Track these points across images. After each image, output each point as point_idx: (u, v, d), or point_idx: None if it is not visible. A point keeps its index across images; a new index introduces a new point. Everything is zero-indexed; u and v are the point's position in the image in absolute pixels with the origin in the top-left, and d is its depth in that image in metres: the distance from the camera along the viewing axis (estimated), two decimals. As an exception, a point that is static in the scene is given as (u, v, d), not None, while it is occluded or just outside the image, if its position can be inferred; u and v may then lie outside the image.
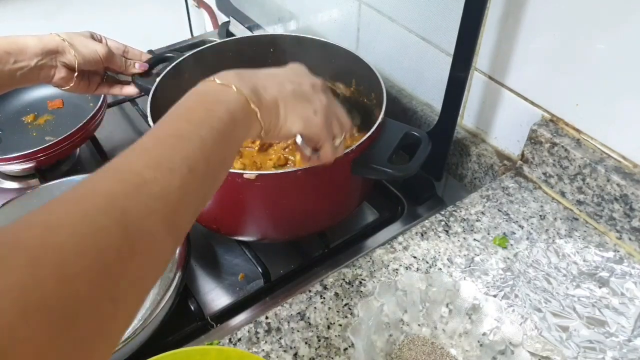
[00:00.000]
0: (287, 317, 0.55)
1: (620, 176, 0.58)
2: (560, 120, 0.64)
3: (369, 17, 0.86)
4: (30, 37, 0.68)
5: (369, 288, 0.57)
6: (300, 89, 0.50)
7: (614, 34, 0.54)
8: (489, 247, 0.61)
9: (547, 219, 0.64)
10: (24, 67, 0.67)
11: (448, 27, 0.72)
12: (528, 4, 0.61)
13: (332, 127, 0.53)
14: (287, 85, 0.49)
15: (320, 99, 0.51)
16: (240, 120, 0.43)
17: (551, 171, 0.66)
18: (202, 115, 0.40)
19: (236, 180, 0.58)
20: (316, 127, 0.50)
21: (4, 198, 0.75)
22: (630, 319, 0.53)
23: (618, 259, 0.58)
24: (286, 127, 0.49)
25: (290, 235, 0.72)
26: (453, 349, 0.52)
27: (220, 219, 0.68)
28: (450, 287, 0.52)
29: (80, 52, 0.72)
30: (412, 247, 0.62)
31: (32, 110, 0.95)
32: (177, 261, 0.63)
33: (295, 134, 0.50)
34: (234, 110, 0.42)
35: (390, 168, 0.61)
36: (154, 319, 0.57)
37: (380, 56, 0.86)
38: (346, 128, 0.55)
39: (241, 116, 0.43)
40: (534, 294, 0.55)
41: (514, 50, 0.65)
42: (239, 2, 1.21)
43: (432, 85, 0.80)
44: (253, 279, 0.70)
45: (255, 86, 0.46)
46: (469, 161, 0.77)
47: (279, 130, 0.49)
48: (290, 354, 0.51)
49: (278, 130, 0.49)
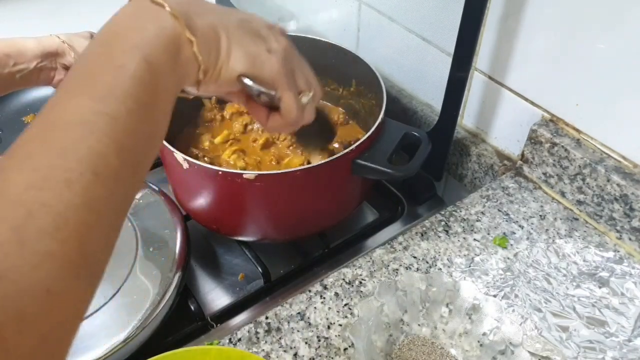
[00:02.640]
0: (287, 317, 0.55)
1: (620, 176, 0.58)
2: (560, 120, 0.64)
3: (369, 17, 0.86)
4: (30, 39, 0.68)
5: (369, 288, 0.57)
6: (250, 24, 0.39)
7: (614, 33, 0.54)
8: (489, 247, 0.61)
9: (547, 219, 0.64)
10: (24, 69, 0.67)
11: (448, 27, 0.72)
12: (528, 4, 0.61)
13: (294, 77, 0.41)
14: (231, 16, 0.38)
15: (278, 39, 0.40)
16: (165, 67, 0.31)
17: (551, 171, 0.65)
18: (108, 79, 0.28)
19: (236, 180, 0.58)
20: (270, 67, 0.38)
21: (4, 198, 0.75)
22: (630, 319, 0.53)
23: (618, 259, 0.58)
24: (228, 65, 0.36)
25: (290, 235, 0.72)
26: (453, 349, 0.52)
27: (220, 219, 0.68)
28: (450, 287, 0.52)
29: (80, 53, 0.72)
30: (412, 247, 0.62)
31: (32, 110, 0.95)
32: (177, 261, 0.63)
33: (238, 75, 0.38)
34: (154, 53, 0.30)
35: (390, 168, 0.61)
36: (154, 319, 0.57)
37: (380, 56, 0.86)
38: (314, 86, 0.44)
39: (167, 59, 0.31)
40: (534, 294, 0.55)
41: (514, 50, 0.65)
42: (239, 2, 1.21)
43: (432, 85, 0.80)
44: (253, 279, 0.70)
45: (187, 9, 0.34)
46: (469, 161, 0.77)
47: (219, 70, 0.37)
48: (290, 354, 0.51)
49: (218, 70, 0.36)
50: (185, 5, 0.34)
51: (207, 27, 0.35)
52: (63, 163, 0.25)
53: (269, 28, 0.41)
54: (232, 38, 0.36)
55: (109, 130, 0.27)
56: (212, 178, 0.60)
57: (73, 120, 0.26)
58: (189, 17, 0.34)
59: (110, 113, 0.27)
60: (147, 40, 0.31)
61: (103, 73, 0.29)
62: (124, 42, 0.30)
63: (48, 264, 0.23)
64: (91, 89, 0.28)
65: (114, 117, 0.27)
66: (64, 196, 0.24)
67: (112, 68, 0.29)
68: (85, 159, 0.25)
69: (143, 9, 0.32)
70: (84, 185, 0.25)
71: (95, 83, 0.28)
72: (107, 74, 0.29)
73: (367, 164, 0.61)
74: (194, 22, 0.34)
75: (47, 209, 0.24)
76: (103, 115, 0.27)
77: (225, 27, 0.36)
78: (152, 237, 0.65)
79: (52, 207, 0.24)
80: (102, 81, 0.28)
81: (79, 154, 0.25)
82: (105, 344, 0.54)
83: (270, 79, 0.39)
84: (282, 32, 0.42)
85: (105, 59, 0.30)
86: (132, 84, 0.29)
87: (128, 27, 0.32)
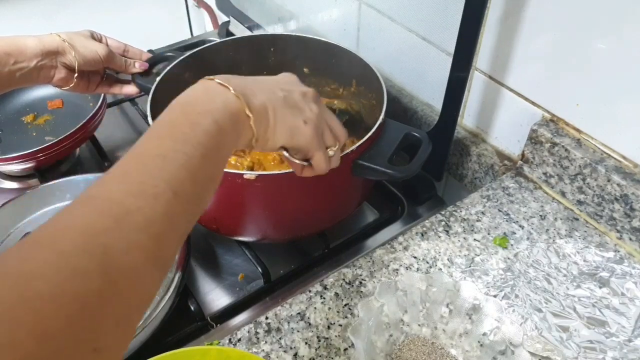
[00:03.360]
0: (287, 317, 0.55)
1: (621, 176, 0.58)
2: (560, 120, 0.64)
3: (369, 17, 0.86)
4: (30, 38, 0.68)
5: (369, 288, 0.57)
6: (291, 96, 0.48)
7: (614, 34, 0.54)
8: (489, 247, 0.61)
9: (547, 219, 0.64)
10: (24, 67, 0.67)
11: (448, 27, 0.72)
12: (528, 4, 0.61)
13: (323, 137, 0.50)
14: (277, 92, 0.47)
15: (311, 107, 0.49)
16: (228, 129, 0.40)
17: (551, 171, 0.65)
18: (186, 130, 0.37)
19: (236, 180, 0.58)
20: (305, 137, 0.48)
21: (4, 198, 0.75)
22: (630, 319, 0.53)
23: (618, 259, 0.58)
24: (274, 137, 0.46)
25: (290, 236, 0.72)
26: (453, 349, 0.52)
27: (220, 219, 0.68)
28: (450, 287, 0.52)
29: (80, 52, 0.72)
30: (412, 247, 0.62)
31: (32, 110, 0.95)
32: (177, 261, 0.63)
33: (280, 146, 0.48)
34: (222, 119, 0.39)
35: (390, 169, 0.61)
36: (154, 319, 0.57)
37: (381, 56, 0.86)
38: (340, 138, 0.53)
39: (230, 125, 0.40)
40: (535, 294, 0.55)
41: (514, 50, 0.65)
42: (239, 2, 1.21)
43: (433, 85, 0.80)
44: (253, 279, 0.70)
45: (245, 91, 0.43)
46: (469, 161, 0.77)
47: (267, 141, 0.46)
48: (290, 354, 0.51)
49: (266, 140, 0.46)
50: (243, 87, 0.43)
51: (260, 106, 0.44)
52: (153, 181, 0.33)
53: (304, 96, 0.49)
54: (277, 115, 0.45)
55: (185, 165, 0.35)
56: (212, 178, 0.60)
57: (159, 153, 0.35)
58: (247, 96, 0.42)
59: (187, 153, 0.35)
60: (216, 108, 0.40)
61: (182, 125, 0.37)
62: (199, 107, 0.39)
63: (138, 251, 0.30)
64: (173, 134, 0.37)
65: (189, 156, 0.35)
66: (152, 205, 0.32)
67: (189, 123, 0.38)
68: (168, 182, 0.33)
69: (212, 87, 0.42)
70: (166, 201, 0.32)
71: (176, 132, 0.37)
72: (185, 126, 0.37)
73: (367, 164, 0.61)
74: (251, 101, 0.42)
75: (141, 212, 0.31)
76: (182, 154, 0.35)
77: (273, 106, 0.45)
78: (152, 237, 0.65)
79: (144, 210, 0.31)
80: (181, 131, 0.37)
81: (164, 177, 0.33)
82: (105, 344, 0.54)
83: (305, 146, 0.49)
84: (315, 98, 0.50)
85: (184, 117, 0.38)
86: (204, 137, 0.37)
87: (201, 98, 0.41)
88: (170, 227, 0.33)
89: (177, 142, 0.36)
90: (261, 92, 0.45)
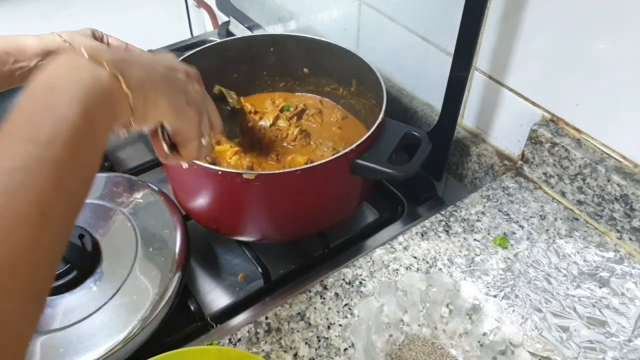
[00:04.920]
0: (287, 317, 0.55)
1: (621, 176, 0.58)
2: (560, 120, 0.64)
3: (369, 17, 0.86)
4: (31, 37, 0.68)
5: (369, 288, 0.57)
6: (173, 74, 0.43)
7: (614, 33, 0.54)
8: (489, 247, 0.61)
9: (547, 219, 0.64)
10: (24, 67, 0.67)
11: (448, 27, 0.72)
12: (528, 4, 0.61)
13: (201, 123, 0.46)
14: (157, 68, 0.41)
15: (195, 89, 0.45)
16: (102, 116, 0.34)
17: (551, 171, 0.65)
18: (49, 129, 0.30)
19: (236, 180, 0.58)
20: (188, 121, 0.43)
21: (3, 198, 0.75)
22: (630, 319, 0.53)
23: (618, 259, 0.58)
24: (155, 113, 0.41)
25: (290, 236, 0.72)
26: (453, 349, 0.52)
27: (220, 219, 0.68)
28: (450, 287, 0.52)
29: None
30: (412, 247, 0.62)
31: (32, 110, 0.94)
32: (177, 261, 0.63)
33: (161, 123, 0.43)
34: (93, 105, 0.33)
35: (390, 168, 0.61)
36: (154, 319, 0.57)
37: (381, 56, 0.86)
38: (216, 128, 0.49)
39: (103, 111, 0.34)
40: (535, 294, 0.55)
41: (514, 50, 0.65)
42: (239, 2, 1.21)
43: (432, 85, 0.80)
44: (253, 279, 0.70)
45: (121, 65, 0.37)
46: (469, 161, 0.77)
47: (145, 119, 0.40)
48: (290, 354, 0.51)
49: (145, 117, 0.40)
50: (119, 62, 0.37)
51: (139, 82, 0.38)
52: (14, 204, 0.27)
53: (187, 75, 0.45)
54: (158, 91, 0.40)
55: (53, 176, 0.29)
56: (212, 178, 0.60)
57: (19, 165, 0.28)
58: (123, 72, 0.37)
59: (53, 159, 0.29)
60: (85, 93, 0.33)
61: (45, 121, 0.31)
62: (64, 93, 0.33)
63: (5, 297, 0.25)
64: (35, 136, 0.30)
65: (56, 163, 0.29)
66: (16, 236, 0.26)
67: (52, 116, 0.31)
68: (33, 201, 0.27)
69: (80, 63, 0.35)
70: (33, 225, 0.27)
71: (37, 131, 0.30)
72: (49, 122, 0.31)
73: (367, 164, 0.61)
74: (128, 76, 0.37)
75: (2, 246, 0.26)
76: (47, 162, 0.29)
77: (153, 81, 0.40)
78: (152, 237, 0.65)
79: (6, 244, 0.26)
80: (43, 130, 0.30)
81: (27, 197, 0.27)
82: (105, 344, 0.54)
83: (186, 131, 0.44)
84: (198, 79, 0.47)
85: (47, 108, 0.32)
86: (73, 134, 0.31)
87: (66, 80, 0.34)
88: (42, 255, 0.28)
89: (40, 146, 0.29)
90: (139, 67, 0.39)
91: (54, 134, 0.30)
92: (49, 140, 0.30)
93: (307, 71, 0.85)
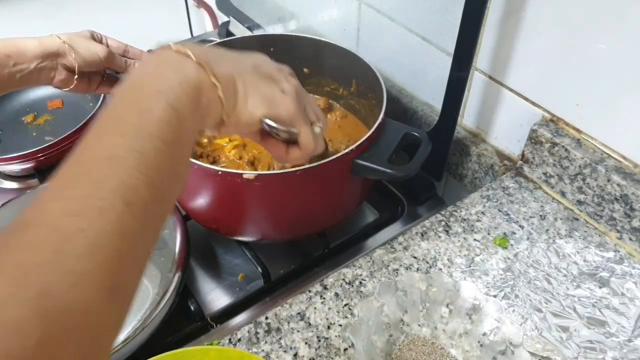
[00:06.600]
0: (287, 317, 0.55)
1: (621, 176, 0.58)
2: (560, 120, 0.64)
3: (369, 17, 0.86)
4: (30, 40, 0.68)
5: (369, 288, 0.57)
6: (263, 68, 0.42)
7: (614, 33, 0.54)
8: (489, 247, 0.61)
9: (547, 219, 0.64)
10: (24, 69, 0.67)
11: (448, 27, 0.72)
12: (528, 4, 0.61)
13: (306, 112, 0.44)
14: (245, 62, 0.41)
15: (288, 79, 0.43)
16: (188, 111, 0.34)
17: (551, 171, 0.65)
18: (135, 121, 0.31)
19: (235, 180, 0.58)
20: (285, 107, 0.42)
21: (3, 198, 0.75)
22: (630, 319, 0.53)
23: (618, 259, 0.58)
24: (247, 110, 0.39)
25: (290, 235, 0.72)
26: (453, 349, 0.52)
27: (220, 219, 0.68)
28: (450, 287, 0.52)
29: (80, 54, 0.72)
30: (412, 247, 0.62)
31: (32, 110, 0.95)
32: (176, 261, 0.63)
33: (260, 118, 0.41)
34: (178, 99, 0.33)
35: (390, 168, 0.61)
36: (154, 319, 0.57)
37: (381, 56, 0.86)
38: (321, 117, 0.47)
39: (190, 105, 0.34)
40: (534, 294, 0.55)
41: (514, 50, 0.65)
42: (239, 2, 1.21)
43: (432, 85, 0.80)
44: (253, 279, 0.70)
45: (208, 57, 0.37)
46: (469, 161, 0.77)
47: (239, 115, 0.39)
48: (290, 354, 0.51)
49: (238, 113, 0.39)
50: (206, 55, 0.37)
51: (227, 73, 0.38)
52: (97, 193, 0.27)
53: (279, 70, 0.44)
54: (248, 84, 0.39)
55: (139, 165, 0.29)
56: (212, 178, 0.60)
57: (105, 155, 0.29)
58: (210, 65, 0.36)
59: (138, 149, 0.29)
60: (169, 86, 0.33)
61: (131, 115, 0.31)
62: (149, 87, 0.33)
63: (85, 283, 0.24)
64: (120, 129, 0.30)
65: (142, 153, 0.29)
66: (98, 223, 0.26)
67: (137, 110, 0.32)
68: (117, 190, 0.27)
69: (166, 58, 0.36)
70: (117, 215, 0.27)
71: (124, 124, 0.31)
72: (134, 116, 0.31)
73: (367, 164, 0.61)
74: (215, 70, 0.37)
75: (84, 234, 0.25)
76: (132, 151, 0.29)
77: (241, 74, 0.39)
78: (152, 237, 0.65)
79: (87, 232, 0.25)
80: (130, 122, 0.31)
81: (111, 185, 0.27)
82: (105, 344, 0.54)
83: (288, 117, 0.42)
84: (291, 72, 0.45)
85: (133, 103, 0.32)
86: (158, 126, 0.31)
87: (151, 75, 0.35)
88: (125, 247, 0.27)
89: (126, 138, 0.30)
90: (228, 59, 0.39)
91: (140, 127, 0.31)
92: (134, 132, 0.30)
93: (307, 71, 0.85)
